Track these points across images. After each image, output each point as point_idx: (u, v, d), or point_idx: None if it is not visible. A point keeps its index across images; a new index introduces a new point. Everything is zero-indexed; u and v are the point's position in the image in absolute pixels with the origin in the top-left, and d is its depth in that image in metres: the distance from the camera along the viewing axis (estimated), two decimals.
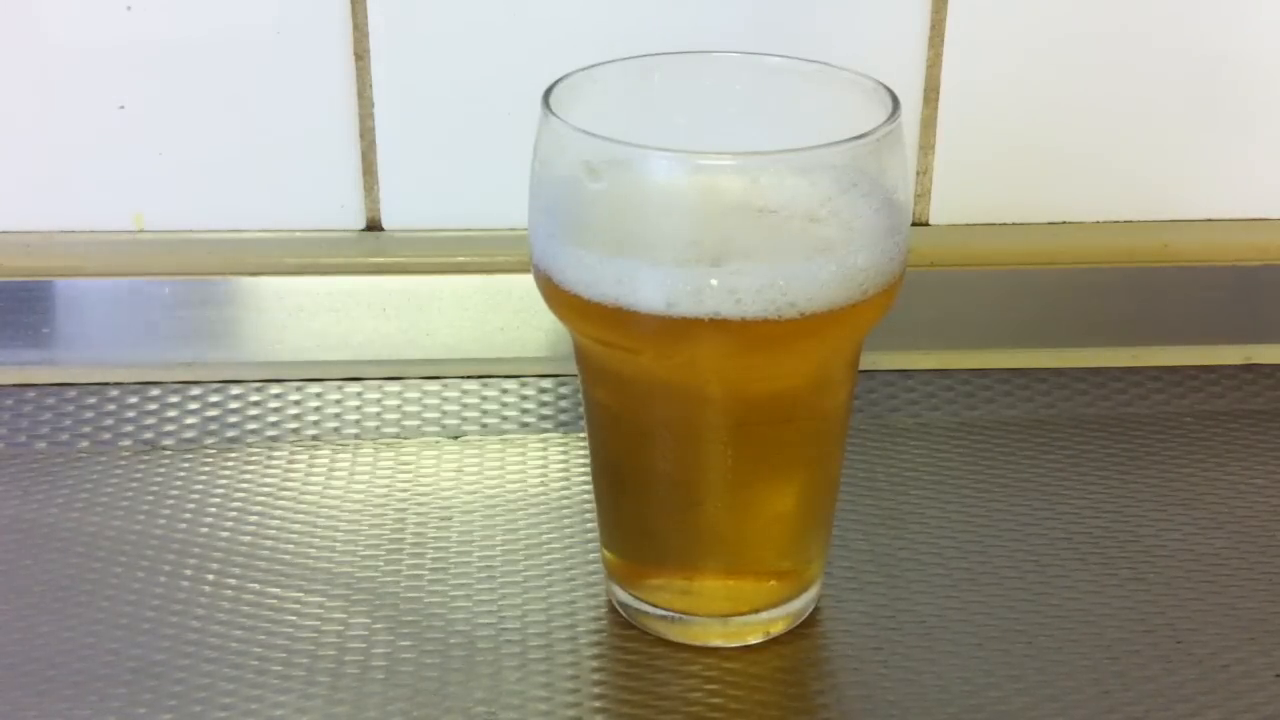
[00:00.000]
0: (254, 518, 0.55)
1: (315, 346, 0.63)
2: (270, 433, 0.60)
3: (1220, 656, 0.49)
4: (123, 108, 0.63)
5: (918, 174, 0.65)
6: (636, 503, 0.49)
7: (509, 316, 0.63)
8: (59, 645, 0.49)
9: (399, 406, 0.62)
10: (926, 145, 0.65)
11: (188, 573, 0.53)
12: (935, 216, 0.66)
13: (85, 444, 0.59)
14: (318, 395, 0.62)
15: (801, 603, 0.50)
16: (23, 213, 0.64)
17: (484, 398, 0.62)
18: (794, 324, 0.44)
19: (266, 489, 0.57)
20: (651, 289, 0.43)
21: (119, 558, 0.53)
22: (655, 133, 0.45)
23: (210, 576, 0.52)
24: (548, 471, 0.58)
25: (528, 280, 0.48)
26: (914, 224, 0.66)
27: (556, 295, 0.46)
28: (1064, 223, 0.67)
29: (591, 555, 0.53)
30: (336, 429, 0.61)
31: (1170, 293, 0.65)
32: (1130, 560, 0.54)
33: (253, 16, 0.62)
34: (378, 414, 0.61)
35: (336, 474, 0.58)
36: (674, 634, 0.50)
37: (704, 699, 0.47)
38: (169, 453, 0.59)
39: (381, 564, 0.53)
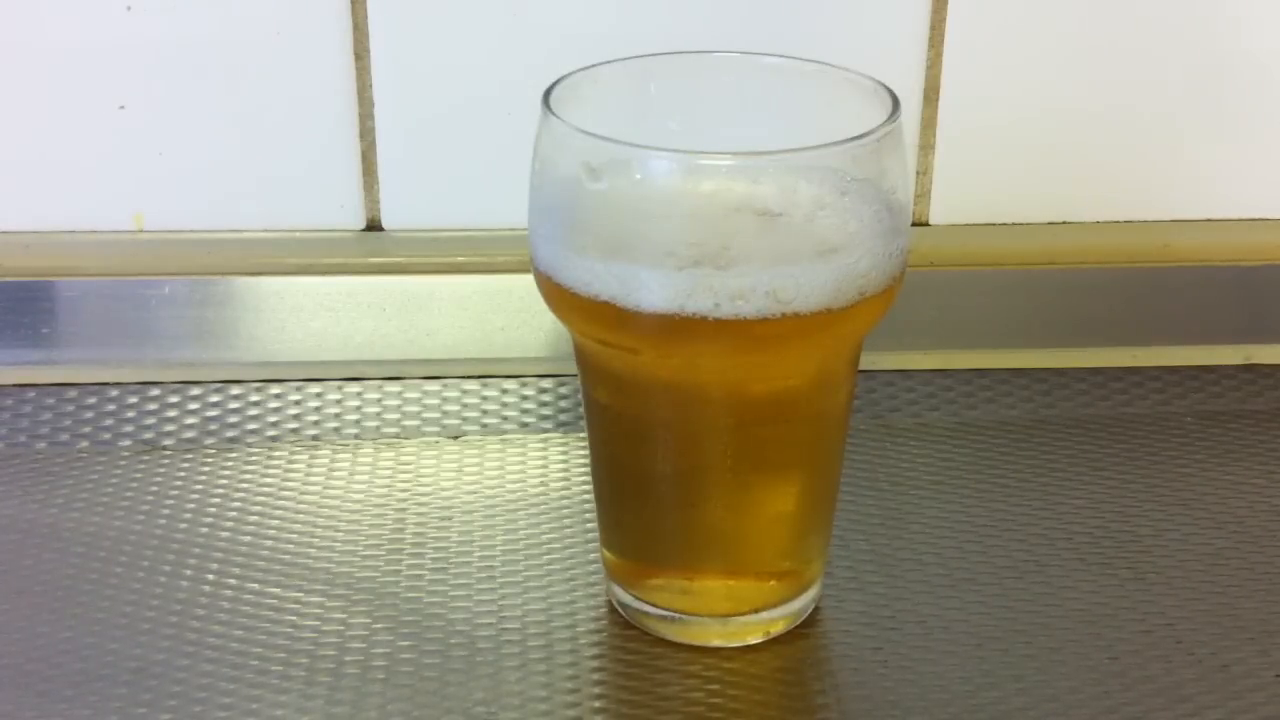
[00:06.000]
0: (254, 518, 0.55)
1: (315, 346, 0.63)
2: (270, 433, 0.60)
3: (1220, 656, 0.49)
4: (123, 108, 0.63)
5: (918, 174, 0.65)
6: (636, 503, 0.49)
7: (509, 316, 0.63)
8: (59, 645, 0.49)
9: (399, 406, 0.62)
10: (926, 145, 0.65)
11: (188, 573, 0.53)
12: (935, 216, 0.66)
13: (85, 444, 0.59)
14: (318, 395, 0.62)
15: (801, 603, 0.50)
16: (23, 213, 0.64)
17: (484, 398, 0.62)
18: (794, 324, 0.44)
19: (266, 489, 0.57)
20: (651, 289, 0.43)
21: (119, 558, 0.53)
22: (655, 133, 0.45)
23: (210, 576, 0.52)
24: (548, 471, 0.58)
25: (528, 280, 0.48)
26: (914, 224, 0.66)
27: (557, 295, 0.46)
28: (1064, 223, 0.67)
29: (591, 555, 0.53)
30: (336, 429, 0.61)
31: (1170, 293, 0.65)
32: (1130, 560, 0.54)
33: (253, 16, 0.62)
34: (378, 414, 0.61)
35: (336, 474, 0.58)
36: (674, 634, 0.50)
37: (704, 699, 0.47)
38: (169, 453, 0.59)
39: (381, 564, 0.53)
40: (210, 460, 0.59)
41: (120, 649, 0.49)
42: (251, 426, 0.61)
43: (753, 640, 0.50)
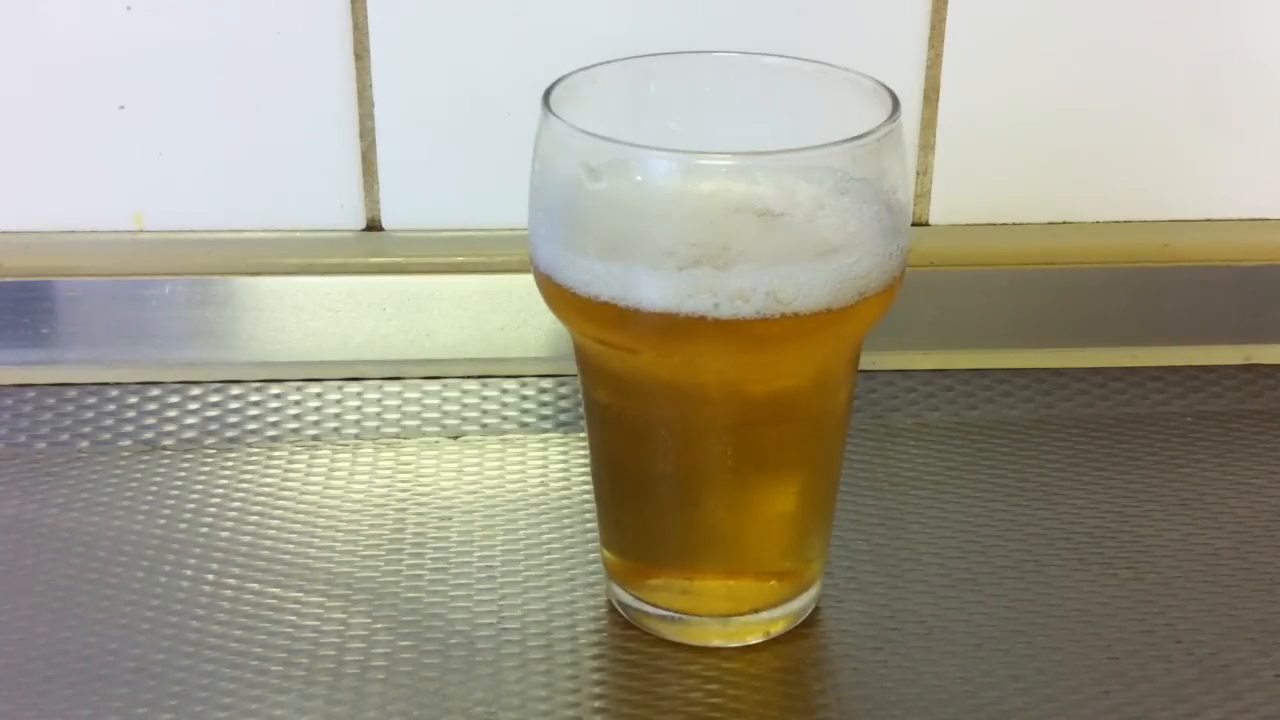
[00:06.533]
0: (254, 518, 0.55)
1: (315, 346, 0.63)
2: (270, 433, 0.60)
3: (1220, 656, 0.49)
4: (123, 108, 0.63)
5: (918, 174, 0.65)
6: (636, 503, 0.49)
7: (509, 316, 0.63)
8: (59, 645, 0.49)
9: (399, 406, 0.62)
10: (926, 145, 0.65)
11: (188, 573, 0.53)
12: (935, 216, 0.66)
13: (85, 444, 0.59)
14: (318, 395, 0.62)
15: (801, 603, 0.50)
16: (23, 213, 0.64)
17: (484, 398, 0.62)
18: (793, 324, 0.44)
19: (266, 489, 0.57)
20: (651, 289, 0.43)
21: (119, 558, 0.53)
22: (655, 133, 0.45)
23: (210, 576, 0.52)
24: (548, 471, 0.58)
25: (528, 280, 0.48)
26: (914, 224, 0.66)
27: (556, 295, 0.46)
28: (1064, 223, 0.67)
29: (591, 555, 0.53)
30: (336, 429, 0.61)
31: (1170, 293, 0.65)
32: (1130, 560, 0.54)
33: (253, 16, 0.62)
34: (378, 414, 0.61)
35: (336, 474, 0.58)
36: (674, 634, 0.50)
37: (704, 699, 0.47)
38: (169, 453, 0.59)
39: (381, 564, 0.53)
40: (210, 460, 0.59)
41: (120, 649, 0.49)
42: (251, 426, 0.61)
43: (753, 640, 0.50)
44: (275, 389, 0.62)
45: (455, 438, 0.60)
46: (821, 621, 0.51)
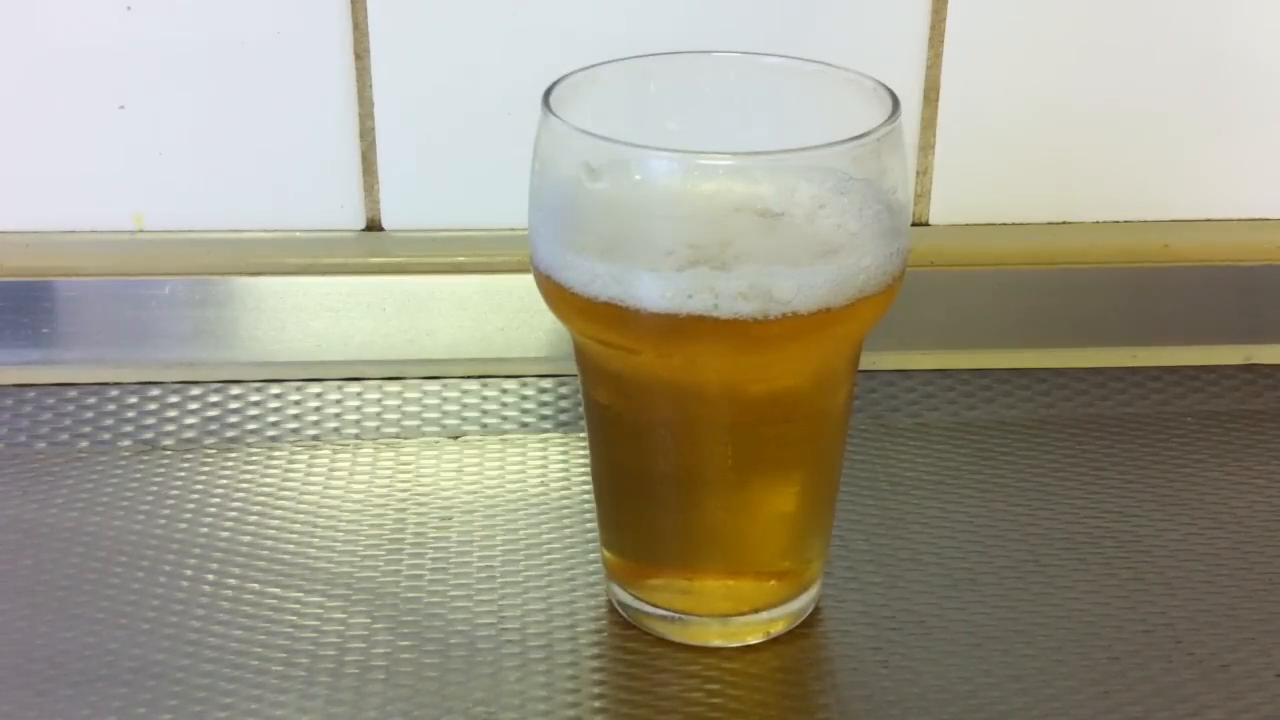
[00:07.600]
0: (254, 518, 0.55)
1: (315, 346, 0.63)
2: (270, 433, 0.60)
3: (1220, 656, 0.49)
4: (123, 108, 0.63)
5: (918, 174, 0.65)
6: (636, 503, 0.49)
7: (509, 316, 0.63)
8: (59, 645, 0.49)
9: (399, 406, 0.62)
10: (926, 145, 0.65)
11: (188, 573, 0.53)
12: (935, 216, 0.66)
13: (85, 444, 0.59)
14: (318, 395, 0.62)
15: (801, 603, 0.50)
16: (23, 213, 0.64)
17: (484, 398, 0.62)
18: (793, 324, 0.44)
19: (266, 489, 0.57)
20: (651, 289, 0.43)
21: (119, 558, 0.53)
22: (655, 133, 0.45)
23: (210, 576, 0.52)
24: (548, 471, 0.58)
25: (528, 280, 0.48)
26: (914, 224, 0.66)
27: (556, 295, 0.46)
28: (1064, 223, 0.67)
29: (591, 555, 0.53)
30: (336, 429, 0.61)
31: (1170, 293, 0.65)
32: (1130, 560, 0.54)
33: (253, 16, 0.62)
34: (378, 414, 0.61)
35: (336, 474, 0.58)
36: (674, 634, 0.50)
37: (704, 699, 0.47)
38: (169, 453, 0.59)
39: (381, 564, 0.53)
40: (210, 460, 0.59)
41: (120, 649, 0.49)
42: (251, 426, 0.61)
43: (753, 640, 0.50)
44: (275, 389, 0.62)
45: (455, 438, 0.60)
46: (821, 621, 0.51)
